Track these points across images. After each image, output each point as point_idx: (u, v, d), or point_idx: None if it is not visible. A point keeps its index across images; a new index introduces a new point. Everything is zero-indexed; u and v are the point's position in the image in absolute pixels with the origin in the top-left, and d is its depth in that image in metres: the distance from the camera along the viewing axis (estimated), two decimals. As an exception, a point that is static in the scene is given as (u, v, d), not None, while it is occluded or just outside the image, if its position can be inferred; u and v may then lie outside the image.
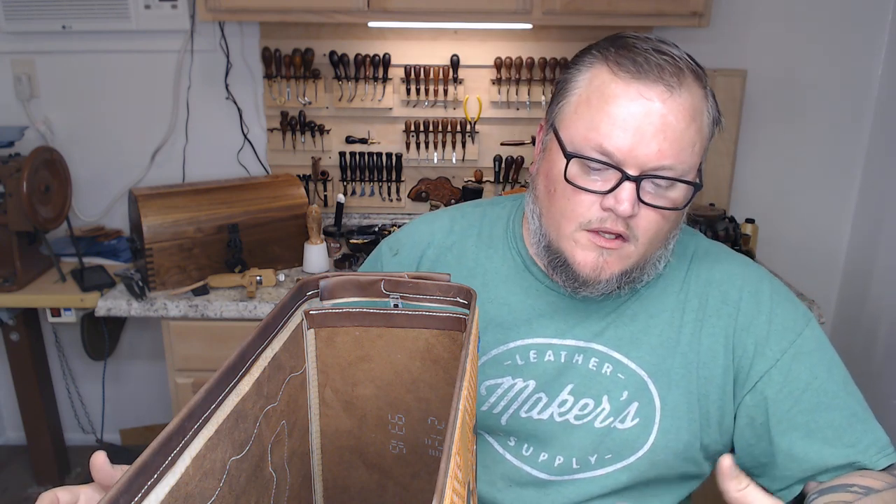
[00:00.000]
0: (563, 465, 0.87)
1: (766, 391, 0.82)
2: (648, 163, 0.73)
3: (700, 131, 0.75)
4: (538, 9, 1.84)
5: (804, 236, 2.32)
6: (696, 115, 0.74)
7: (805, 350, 0.83)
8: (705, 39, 2.16)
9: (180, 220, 1.80)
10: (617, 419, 0.85)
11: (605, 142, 0.73)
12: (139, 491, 0.39)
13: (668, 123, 0.72)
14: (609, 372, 0.85)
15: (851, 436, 0.80)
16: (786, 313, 0.84)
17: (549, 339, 0.87)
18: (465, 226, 0.96)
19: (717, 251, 0.91)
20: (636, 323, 0.86)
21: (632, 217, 0.75)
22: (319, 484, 0.76)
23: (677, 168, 0.73)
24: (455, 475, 0.42)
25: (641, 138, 0.72)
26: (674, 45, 0.77)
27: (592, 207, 0.76)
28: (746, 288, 0.86)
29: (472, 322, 0.59)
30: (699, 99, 0.75)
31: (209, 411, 0.48)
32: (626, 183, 0.73)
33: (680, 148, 0.73)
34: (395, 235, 1.00)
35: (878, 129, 2.19)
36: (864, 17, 2.12)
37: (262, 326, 0.58)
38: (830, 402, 0.81)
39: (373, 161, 2.25)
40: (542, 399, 0.87)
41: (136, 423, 2.58)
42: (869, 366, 2.17)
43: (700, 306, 0.86)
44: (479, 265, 0.92)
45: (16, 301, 1.94)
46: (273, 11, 1.87)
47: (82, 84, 2.23)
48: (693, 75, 0.75)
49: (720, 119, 0.80)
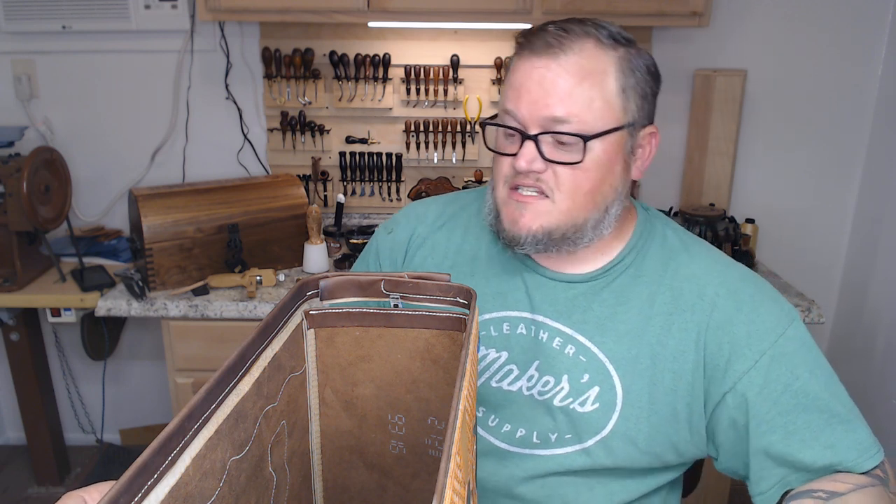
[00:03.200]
0: (523, 438, 0.89)
1: (746, 393, 0.81)
2: (542, 121, 0.81)
3: (597, 87, 0.80)
4: (538, 9, 1.84)
5: (804, 236, 2.32)
6: (589, 74, 0.80)
7: (786, 351, 0.82)
8: (705, 39, 2.16)
9: (180, 220, 1.80)
10: (576, 401, 0.86)
11: (506, 105, 0.84)
12: (139, 491, 0.39)
13: (554, 83, 0.80)
14: (571, 353, 0.87)
15: (830, 436, 0.79)
16: (768, 313, 0.84)
17: (520, 313, 0.90)
18: (456, 209, 1.02)
19: (700, 247, 0.91)
20: (605, 309, 0.87)
21: (540, 173, 0.82)
22: (319, 484, 0.76)
23: (572, 123, 0.80)
24: (455, 475, 0.42)
25: (530, 97, 0.81)
26: (594, 21, 0.84)
27: (509, 167, 0.85)
28: (725, 286, 0.86)
29: (472, 322, 0.59)
30: (596, 60, 0.80)
31: (209, 411, 0.48)
32: (526, 141, 0.82)
33: (570, 103, 0.79)
34: (392, 217, 1.07)
35: (878, 128, 2.19)
36: (864, 17, 2.12)
37: (262, 326, 0.58)
38: (810, 403, 0.80)
39: (373, 161, 2.25)
40: (514, 371, 0.90)
41: (136, 423, 2.58)
42: (869, 366, 2.17)
43: (673, 299, 0.86)
44: (466, 244, 0.97)
45: (16, 301, 1.94)
46: (273, 11, 1.87)
47: (82, 84, 2.23)
48: (594, 41, 0.81)
49: (652, 74, 0.86)
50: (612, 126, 0.81)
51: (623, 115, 0.82)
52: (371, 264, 1.05)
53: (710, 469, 1.94)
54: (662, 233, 0.92)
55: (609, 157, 0.82)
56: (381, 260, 1.03)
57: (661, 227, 0.93)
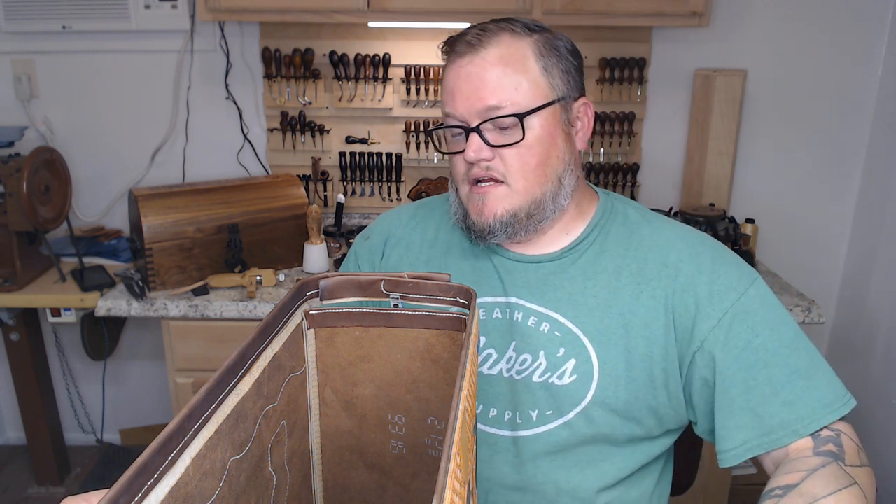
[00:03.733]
0: (509, 420, 0.92)
1: (713, 350, 0.85)
2: (479, 112, 0.86)
3: (521, 72, 0.86)
4: (538, 9, 1.84)
5: (804, 236, 2.32)
6: (510, 61, 0.86)
7: (748, 309, 0.86)
8: (705, 39, 2.16)
9: (180, 220, 1.80)
10: (554, 374, 0.90)
11: (445, 108, 0.90)
12: (139, 491, 0.39)
13: (478, 75, 0.86)
14: (546, 330, 0.91)
15: (790, 393, 0.82)
16: (729, 274, 0.88)
17: (495, 298, 0.95)
18: (427, 210, 1.08)
19: (661, 220, 0.96)
20: (574, 285, 0.92)
21: (489, 161, 0.88)
22: (319, 484, 0.76)
23: (507, 107, 0.86)
24: (455, 475, 0.42)
25: (462, 95, 0.87)
26: (508, 18, 0.90)
27: (463, 164, 0.91)
28: (686, 251, 0.90)
29: (472, 322, 0.59)
30: (514, 48, 0.87)
31: (209, 411, 0.48)
32: (471, 134, 0.88)
33: (500, 91, 0.85)
34: (368, 226, 1.13)
35: (878, 128, 2.19)
36: (864, 17, 2.12)
37: (262, 326, 0.58)
38: (770, 359, 0.83)
39: (373, 161, 2.25)
40: (493, 355, 0.94)
41: (136, 423, 2.58)
42: (869, 366, 2.17)
43: (639, 269, 0.90)
44: (439, 238, 1.03)
45: (16, 301, 1.94)
46: (273, 11, 1.87)
47: (82, 84, 2.23)
48: (509, 32, 0.88)
49: (570, 51, 0.91)
50: (542, 102, 0.87)
51: (551, 91, 0.88)
52: (351, 270, 1.10)
53: (710, 468, 1.94)
54: (624, 211, 0.97)
55: (548, 132, 0.88)
56: (360, 264, 1.09)
57: (622, 206, 0.98)
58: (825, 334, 2.40)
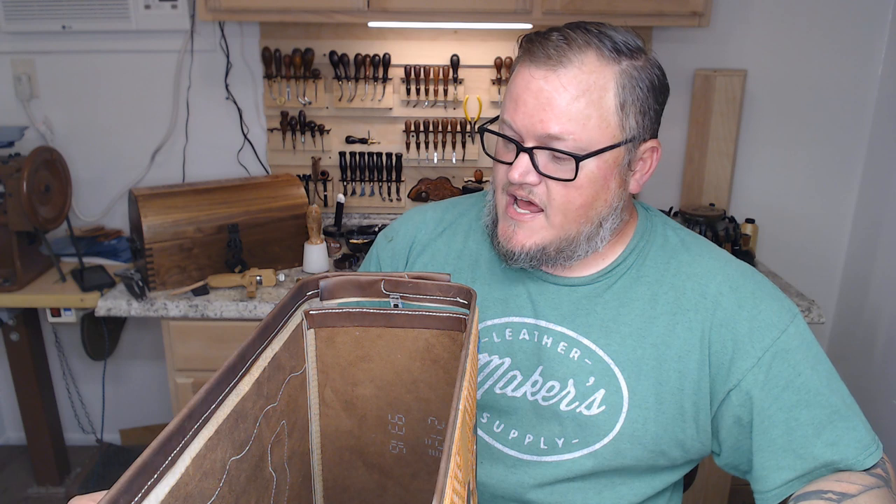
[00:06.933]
0: (532, 445, 0.89)
1: (751, 390, 0.82)
2: (538, 135, 0.80)
3: (595, 105, 0.78)
4: (538, 9, 1.84)
5: (804, 236, 2.32)
6: (587, 90, 0.78)
7: (788, 347, 0.82)
8: (705, 39, 2.16)
9: (180, 220, 1.80)
10: (583, 404, 0.86)
11: (504, 114, 0.83)
12: (139, 491, 0.39)
13: (548, 94, 0.78)
14: (576, 357, 0.87)
15: (832, 434, 0.80)
16: (769, 310, 0.84)
17: (523, 319, 0.90)
18: (455, 215, 1.02)
19: (701, 246, 0.91)
20: (607, 311, 0.88)
21: (534, 185, 0.82)
22: (319, 484, 0.76)
23: (567, 140, 0.79)
24: (455, 475, 0.42)
25: (526, 110, 0.80)
26: (598, 26, 0.82)
27: (505, 175, 0.85)
28: (727, 283, 0.86)
29: (472, 322, 0.59)
30: (596, 75, 0.78)
31: (209, 411, 0.48)
32: (521, 153, 0.81)
33: (566, 120, 0.78)
34: (391, 224, 1.07)
35: (878, 129, 2.19)
36: (864, 18, 2.12)
37: (262, 326, 0.58)
38: (812, 399, 0.80)
39: (373, 161, 2.25)
40: (517, 377, 0.90)
41: (136, 423, 2.58)
42: (869, 366, 2.17)
43: (676, 299, 0.86)
44: (467, 249, 0.97)
45: (16, 301, 1.94)
46: (273, 11, 1.87)
47: (82, 84, 2.23)
48: (596, 53, 0.79)
49: (655, 88, 0.83)
50: (607, 144, 0.80)
51: (620, 132, 0.81)
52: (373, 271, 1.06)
53: (710, 468, 1.94)
54: (663, 233, 0.92)
55: (603, 174, 0.82)
56: (382, 268, 1.04)
57: (662, 228, 0.93)
58: (825, 334, 2.40)
